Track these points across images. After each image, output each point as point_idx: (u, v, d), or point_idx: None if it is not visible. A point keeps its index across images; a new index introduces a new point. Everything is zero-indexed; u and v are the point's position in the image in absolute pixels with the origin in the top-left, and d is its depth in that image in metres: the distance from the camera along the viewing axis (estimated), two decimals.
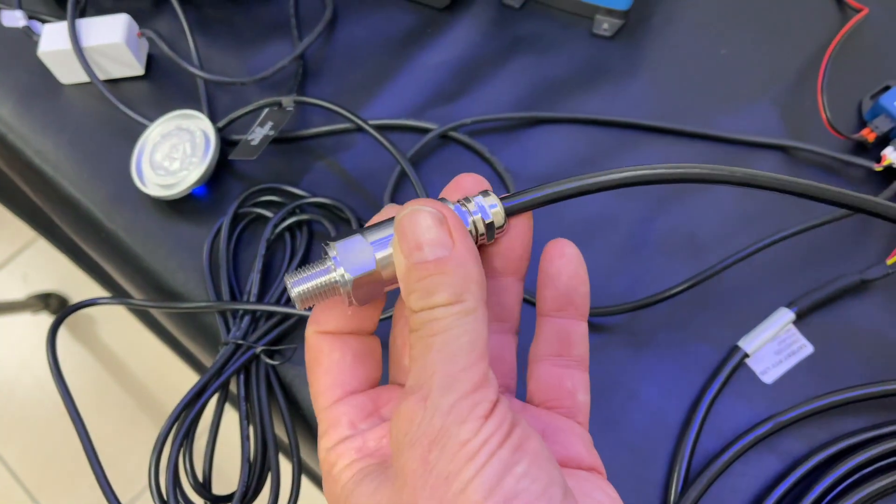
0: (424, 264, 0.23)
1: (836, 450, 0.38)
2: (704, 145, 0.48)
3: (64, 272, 1.33)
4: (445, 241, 0.24)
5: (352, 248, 0.25)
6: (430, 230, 0.24)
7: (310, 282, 0.25)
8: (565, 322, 0.29)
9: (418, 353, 0.23)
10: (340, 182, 0.47)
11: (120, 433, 1.19)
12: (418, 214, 0.24)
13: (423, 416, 0.22)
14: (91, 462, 0.39)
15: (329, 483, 0.26)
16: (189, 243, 0.46)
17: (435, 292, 0.23)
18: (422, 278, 0.24)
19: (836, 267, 0.43)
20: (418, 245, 0.24)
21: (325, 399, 0.27)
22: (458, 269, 0.23)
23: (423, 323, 0.23)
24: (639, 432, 0.40)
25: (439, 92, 0.50)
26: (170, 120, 0.47)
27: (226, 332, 0.42)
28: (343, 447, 0.26)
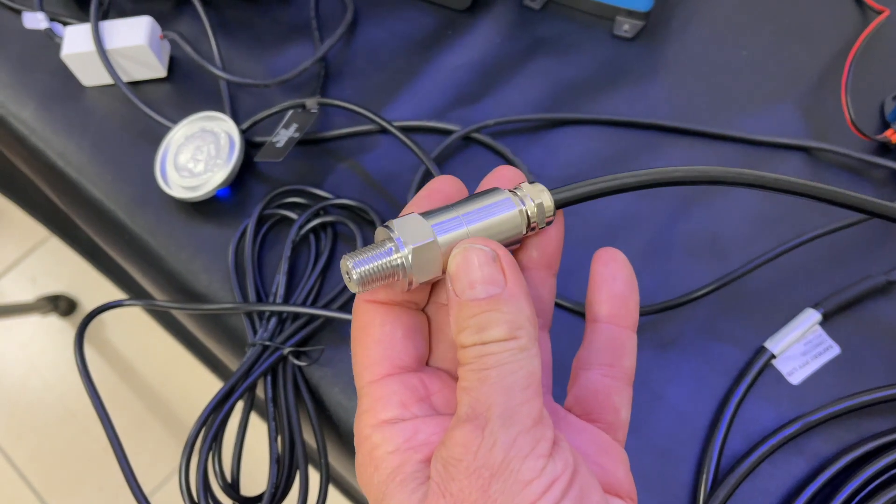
0: (477, 302, 0.23)
1: (864, 451, 0.38)
2: (726, 146, 0.48)
3: (73, 274, 1.33)
4: (498, 279, 0.24)
5: (413, 230, 0.25)
6: (483, 268, 0.24)
7: (371, 263, 0.24)
8: (618, 330, 0.29)
9: (471, 385, 0.23)
10: (364, 184, 0.47)
11: (128, 435, 1.19)
12: (471, 253, 0.24)
13: (482, 446, 0.22)
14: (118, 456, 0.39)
15: (366, 465, 0.25)
16: (213, 245, 0.46)
17: (488, 328, 0.23)
18: (474, 315, 0.24)
19: (861, 268, 0.43)
20: (471, 283, 0.24)
21: (372, 373, 0.26)
22: (511, 306, 0.24)
23: (476, 357, 0.23)
24: (665, 433, 0.40)
25: (461, 93, 0.51)
26: (194, 122, 0.48)
27: (252, 333, 0.42)
28: (391, 430, 0.25)
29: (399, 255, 0.24)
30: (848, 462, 0.38)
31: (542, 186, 0.27)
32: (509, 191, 0.27)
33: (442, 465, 0.23)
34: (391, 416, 0.25)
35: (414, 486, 0.24)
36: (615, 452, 0.28)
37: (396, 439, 0.24)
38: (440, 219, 0.26)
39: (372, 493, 0.24)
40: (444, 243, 0.25)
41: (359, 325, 0.26)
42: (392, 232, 0.25)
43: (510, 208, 0.27)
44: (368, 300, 0.26)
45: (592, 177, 0.47)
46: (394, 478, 0.24)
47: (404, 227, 0.25)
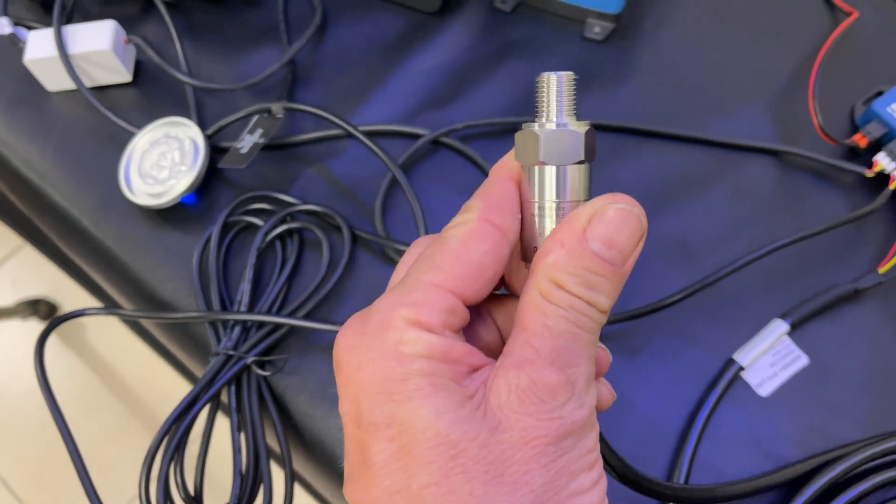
0: (600, 260, 0.22)
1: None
2: (696, 149, 0.48)
3: (53, 278, 1.32)
4: (628, 256, 0.23)
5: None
6: (630, 238, 0.23)
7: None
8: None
9: (560, 331, 0.22)
10: (331, 189, 0.47)
11: (110, 440, 1.18)
12: (634, 220, 0.23)
13: (570, 400, 0.22)
14: (78, 472, 0.38)
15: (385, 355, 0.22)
16: (178, 252, 0.45)
17: (596, 289, 0.22)
18: (589, 269, 0.22)
19: (828, 275, 0.42)
20: (611, 243, 0.23)
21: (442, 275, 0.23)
22: (618, 285, 0.23)
23: (573, 308, 0.22)
24: (635, 440, 0.40)
25: (430, 97, 0.50)
26: (158, 127, 0.47)
27: (216, 342, 0.42)
28: (428, 335, 0.22)
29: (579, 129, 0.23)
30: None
31: None
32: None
33: (517, 396, 0.22)
34: (432, 322, 0.22)
35: (455, 404, 0.21)
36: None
37: (431, 346, 0.22)
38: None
39: (380, 384, 0.22)
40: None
41: (463, 234, 0.23)
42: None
43: None
44: (489, 220, 0.24)
45: None
46: (424, 378, 0.22)
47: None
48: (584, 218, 0.23)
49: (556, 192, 0.23)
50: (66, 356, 1.26)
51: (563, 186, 0.23)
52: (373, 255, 0.45)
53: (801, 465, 0.38)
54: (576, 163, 0.23)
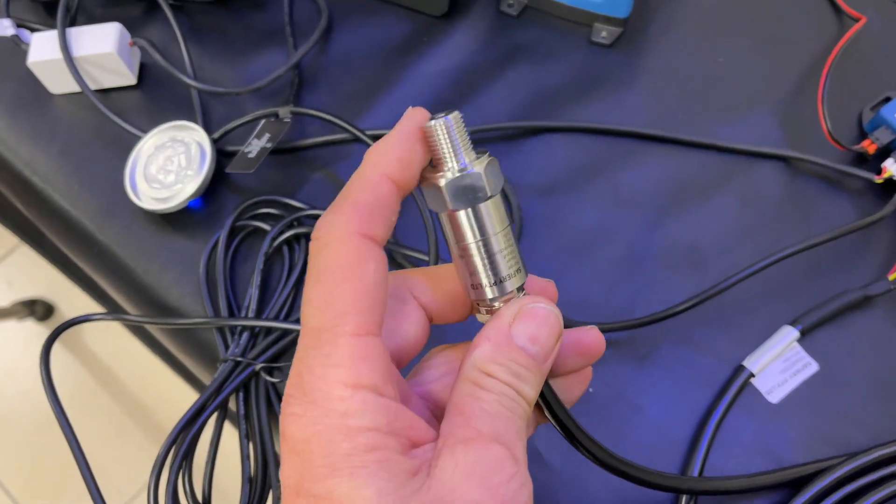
0: (526, 354, 0.24)
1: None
2: (704, 154, 0.47)
3: (50, 278, 1.31)
4: (549, 353, 0.24)
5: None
6: (550, 336, 0.24)
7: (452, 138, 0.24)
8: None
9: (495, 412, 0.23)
10: (338, 193, 0.47)
11: (107, 443, 1.17)
12: (553, 319, 0.24)
13: (514, 476, 0.22)
14: (82, 471, 0.38)
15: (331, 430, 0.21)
16: (184, 257, 0.45)
17: (523, 379, 0.24)
18: (515, 360, 0.23)
19: (838, 282, 0.42)
20: (534, 339, 0.24)
21: (358, 322, 0.21)
22: (539, 382, 0.24)
23: (505, 395, 0.23)
24: (645, 448, 0.39)
25: (437, 101, 0.50)
26: (164, 131, 0.47)
27: (224, 348, 0.42)
28: (375, 402, 0.21)
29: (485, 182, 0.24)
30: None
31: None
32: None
33: (463, 472, 0.21)
34: (373, 384, 0.21)
35: (397, 474, 0.21)
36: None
37: (378, 416, 0.21)
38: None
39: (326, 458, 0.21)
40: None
41: (346, 259, 0.22)
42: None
43: None
44: (365, 234, 0.22)
45: (569, 185, 0.47)
46: (370, 454, 0.21)
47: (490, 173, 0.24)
48: (509, 316, 0.24)
49: (475, 232, 0.24)
50: (63, 359, 1.25)
51: (480, 225, 0.24)
52: None
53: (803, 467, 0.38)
54: (485, 200, 0.23)
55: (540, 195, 0.46)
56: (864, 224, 0.43)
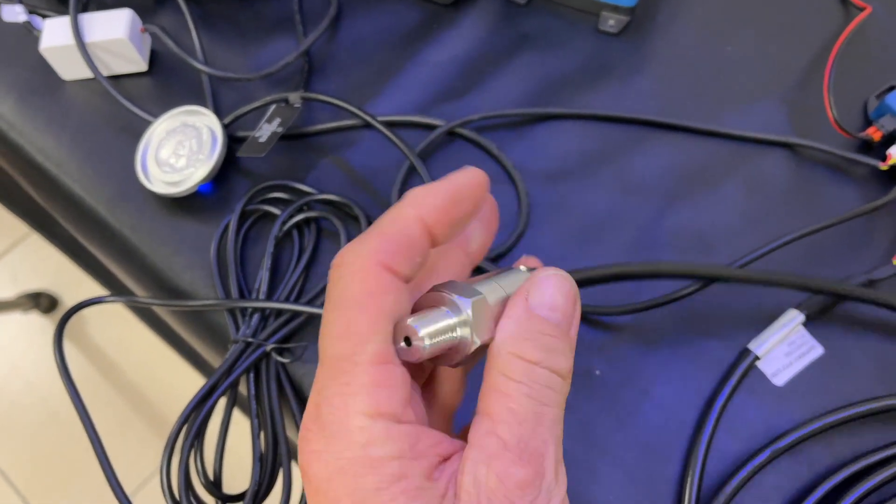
0: (548, 323, 0.22)
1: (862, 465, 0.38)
2: (711, 142, 0.48)
3: (54, 271, 1.32)
4: (571, 319, 0.23)
5: (462, 289, 0.23)
6: (566, 300, 0.23)
7: (441, 337, 0.22)
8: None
9: (524, 414, 0.21)
10: (348, 179, 0.47)
11: (112, 432, 1.18)
12: (566, 282, 0.23)
13: (538, 497, 0.21)
14: (99, 458, 0.38)
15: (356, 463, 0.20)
16: (195, 241, 0.46)
17: (554, 353, 0.22)
18: (543, 333, 0.22)
19: (843, 267, 0.43)
20: (552, 307, 0.23)
21: (376, 351, 0.21)
22: (570, 351, 0.23)
23: (535, 382, 0.21)
24: (651, 430, 0.40)
25: (445, 88, 0.50)
26: (175, 116, 0.47)
27: (235, 330, 0.42)
28: (396, 429, 0.20)
29: (461, 317, 0.22)
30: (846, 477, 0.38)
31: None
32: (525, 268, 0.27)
33: (486, 497, 0.20)
34: (393, 408, 0.21)
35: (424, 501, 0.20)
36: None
37: (401, 442, 0.20)
38: (481, 286, 0.24)
39: (353, 496, 0.20)
40: (492, 301, 0.24)
41: (364, 289, 0.21)
42: (450, 295, 0.23)
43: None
44: (388, 266, 0.22)
45: (577, 172, 0.48)
46: (397, 485, 0.20)
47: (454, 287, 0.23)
48: (524, 292, 0.23)
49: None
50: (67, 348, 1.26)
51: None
52: None
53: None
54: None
55: (548, 182, 0.47)
56: (868, 209, 0.43)
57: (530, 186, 0.46)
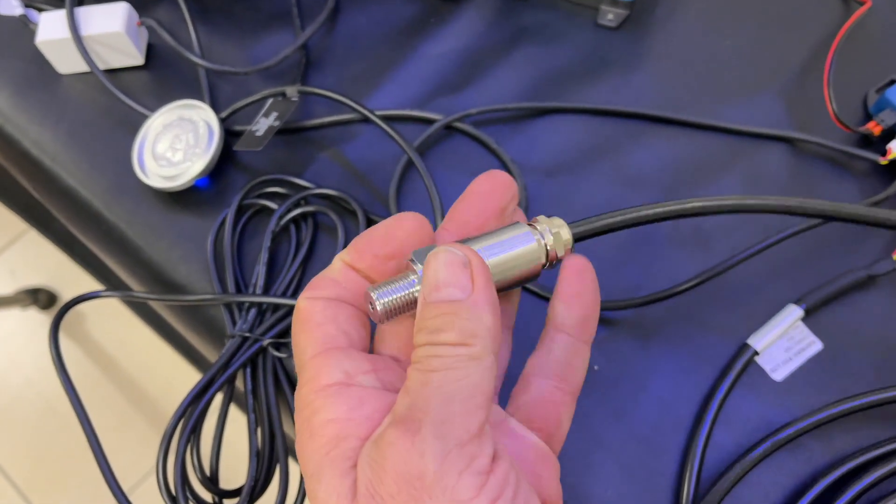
0: (439, 304, 0.23)
1: (862, 461, 0.37)
2: (710, 136, 0.48)
3: (53, 267, 1.32)
4: (464, 285, 0.24)
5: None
6: (451, 271, 0.24)
7: (394, 294, 0.25)
8: (577, 344, 0.29)
9: (413, 386, 0.22)
10: (345, 173, 0.47)
11: (111, 429, 1.18)
12: (444, 255, 0.24)
13: (412, 451, 0.21)
14: (96, 454, 0.38)
15: (302, 432, 0.24)
16: (192, 235, 0.45)
17: (442, 331, 0.23)
18: (434, 316, 0.23)
19: (843, 261, 0.43)
20: (437, 285, 0.24)
21: (314, 348, 0.25)
22: (470, 314, 0.23)
23: (424, 357, 0.23)
24: (649, 424, 0.40)
25: (444, 82, 0.50)
26: (172, 110, 0.47)
27: (232, 325, 0.42)
28: (335, 395, 0.23)
29: (417, 278, 0.25)
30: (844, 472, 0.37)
31: (561, 221, 0.29)
32: (528, 224, 0.28)
33: (369, 466, 0.22)
34: (335, 380, 0.24)
35: (346, 469, 0.23)
36: (551, 462, 0.28)
37: (339, 407, 0.23)
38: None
39: (307, 465, 0.23)
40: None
41: (300, 318, 0.26)
42: (415, 264, 0.25)
43: (529, 241, 0.28)
44: (309, 297, 0.26)
45: (575, 166, 0.47)
46: (329, 451, 0.23)
47: (424, 251, 0.26)
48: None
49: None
50: (65, 345, 1.26)
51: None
52: None
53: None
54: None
55: (546, 175, 0.47)
56: (868, 204, 0.43)
57: (528, 180, 0.46)
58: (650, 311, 0.42)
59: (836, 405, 0.39)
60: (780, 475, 0.38)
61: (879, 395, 0.38)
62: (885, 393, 0.38)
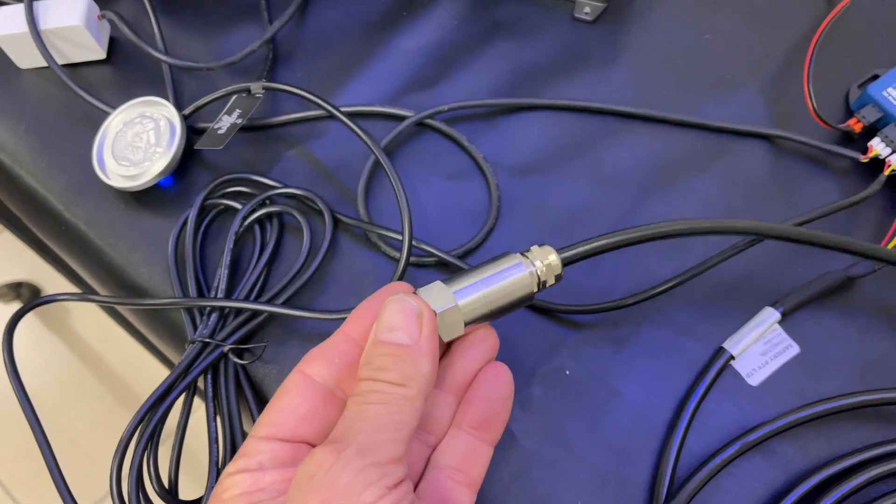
0: (388, 344, 0.27)
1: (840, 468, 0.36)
2: (687, 133, 0.46)
3: (35, 261, 1.30)
4: (413, 333, 0.27)
5: (437, 296, 0.30)
6: (404, 319, 0.27)
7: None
8: (477, 443, 0.31)
9: (349, 414, 0.25)
10: (313, 172, 0.46)
11: (97, 427, 1.17)
12: (399, 303, 0.28)
13: (334, 466, 0.23)
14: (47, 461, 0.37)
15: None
16: (154, 236, 0.44)
17: (386, 370, 0.26)
18: (381, 355, 0.26)
19: (821, 263, 0.41)
20: (389, 328, 0.27)
21: (259, 429, 0.28)
22: (412, 359, 0.26)
23: (365, 391, 0.26)
24: (622, 431, 0.39)
25: (415, 78, 0.49)
26: (133, 107, 0.45)
27: (192, 329, 0.40)
28: (241, 477, 0.27)
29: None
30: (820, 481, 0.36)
31: (550, 248, 0.32)
32: (520, 254, 0.32)
33: (295, 482, 0.24)
34: (245, 467, 0.27)
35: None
36: None
37: (244, 484, 0.26)
38: (460, 285, 0.30)
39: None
40: (464, 306, 0.30)
41: (282, 386, 0.29)
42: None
43: (521, 270, 0.31)
44: (300, 370, 0.29)
45: (550, 164, 0.46)
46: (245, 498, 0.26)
47: (430, 294, 0.30)
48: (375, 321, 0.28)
49: None
50: (50, 342, 1.24)
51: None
52: (355, 241, 0.43)
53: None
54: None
55: (520, 174, 0.45)
56: (848, 203, 0.42)
57: (501, 179, 0.45)
58: (624, 314, 0.41)
59: (808, 407, 0.38)
60: (755, 484, 0.37)
61: (854, 399, 0.37)
62: (859, 397, 0.37)
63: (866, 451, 0.36)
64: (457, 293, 0.30)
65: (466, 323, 0.30)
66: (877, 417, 0.38)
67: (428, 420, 0.32)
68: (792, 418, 0.37)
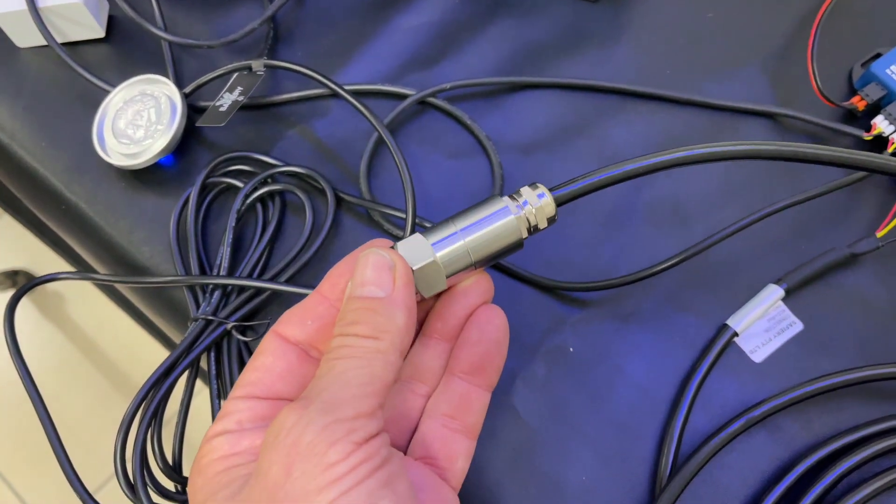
0: (360, 298, 0.26)
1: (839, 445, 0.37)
2: (690, 111, 0.46)
3: (31, 249, 1.29)
4: (385, 285, 0.26)
5: (415, 251, 0.28)
6: (376, 273, 0.27)
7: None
8: (471, 388, 0.30)
9: (320, 371, 0.25)
10: (314, 150, 0.45)
11: (94, 411, 1.16)
12: (371, 256, 0.27)
13: (296, 424, 0.23)
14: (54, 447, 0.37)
15: (194, 473, 0.26)
16: (155, 215, 0.44)
17: (357, 324, 0.25)
18: (353, 310, 0.26)
19: (824, 240, 0.41)
20: (362, 282, 0.26)
21: (235, 390, 0.28)
22: (385, 311, 0.26)
23: (336, 346, 0.25)
24: (626, 408, 0.39)
25: (417, 56, 0.48)
26: (133, 85, 0.45)
27: (195, 307, 0.40)
28: (219, 440, 0.26)
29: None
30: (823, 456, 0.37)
31: (542, 187, 0.30)
32: (508, 196, 0.30)
33: (264, 443, 0.24)
34: (224, 429, 0.27)
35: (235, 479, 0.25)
36: (445, 494, 0.29)
37: (223, 447, 0.26)
38: (439, 236, 0.29)
39: (196, 499, 0.25)
40: (443, 259, 0.28)
41: (258, 348, 0.28)
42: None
43: (506, 216, 0.29)
44: (274, 331, 0.28)
45: (553, 143, 0.46)
46: (218, 484, 0.25)
47: (407, 248, 0.28)
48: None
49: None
50: (46, 326, 1.24)
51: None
52: (357, 219, 0.43)
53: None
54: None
55: (522, 153, 0.45)
56: (851, 181, 0.42)
57: (504, 158, 0.45)
58: (627, 292, 0.41)
59: (812, 383, 0.38)
60: (760, 460, 0.37)
61: (857, 374, 0.37)
62: (862, 372, 0.37)
63: (870, 426, 0.37)
64: (435, 245, 0.28)
65: (448, 275, 0.29)
66: (880, 393, 0.38)
67: (420, 370, 0.31)
68: (795, 394, 0.37)
